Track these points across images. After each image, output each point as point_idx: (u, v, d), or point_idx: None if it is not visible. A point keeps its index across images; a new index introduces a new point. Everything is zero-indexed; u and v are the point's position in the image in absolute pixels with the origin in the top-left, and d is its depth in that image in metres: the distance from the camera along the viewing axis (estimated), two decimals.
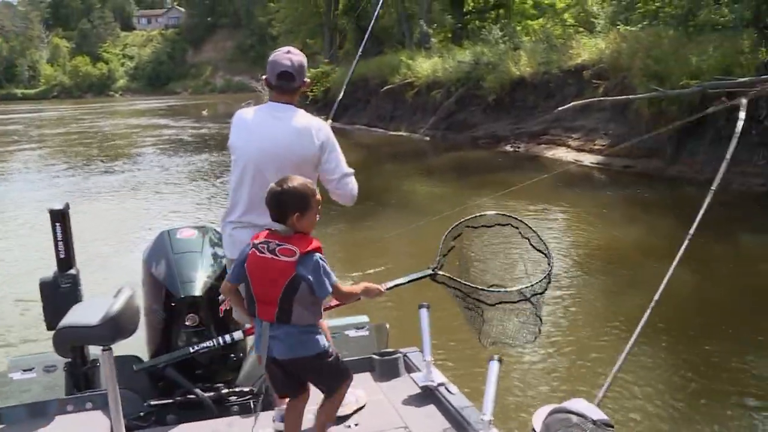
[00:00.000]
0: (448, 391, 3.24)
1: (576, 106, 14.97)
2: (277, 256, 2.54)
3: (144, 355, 3.75)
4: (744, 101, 7.83)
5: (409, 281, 3.32)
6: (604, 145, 15.77)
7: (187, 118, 38.35)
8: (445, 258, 3.31)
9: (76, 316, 2.87)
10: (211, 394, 3.38)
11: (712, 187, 3.86)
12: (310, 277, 2.53)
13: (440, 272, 3.29)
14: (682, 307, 6.84)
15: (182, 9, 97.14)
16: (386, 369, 3.26)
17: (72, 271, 3.70)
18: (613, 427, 1.52)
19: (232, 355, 3.64)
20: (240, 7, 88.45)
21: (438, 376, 3.38)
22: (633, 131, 15.09)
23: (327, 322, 4.22)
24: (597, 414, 1.51)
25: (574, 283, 7.82)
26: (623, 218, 10.99)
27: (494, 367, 3.00)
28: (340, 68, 32.08)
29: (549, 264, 3.27)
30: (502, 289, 3.26)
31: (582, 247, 9.48)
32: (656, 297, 2.79)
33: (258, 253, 2.57)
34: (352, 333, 3.75)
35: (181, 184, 16.09)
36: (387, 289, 3.13)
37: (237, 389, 3.50)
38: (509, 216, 3.33)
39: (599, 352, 5.86)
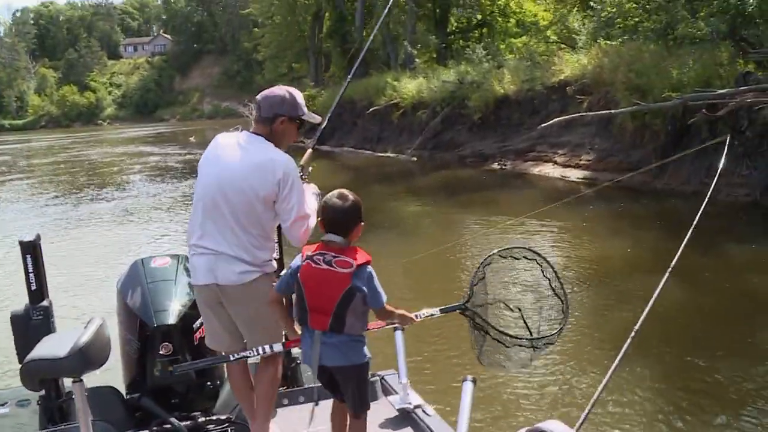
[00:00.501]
0: (425, 413, 3.26)
1: (561, 123, 15.08)
2: (333, 267, 2.68)
3: (121, 386, 3.70)
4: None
5: (440, 313, 3.29)
6: (590, 160, 15.84)
7: (175, 145, 38.34)
8: (474, 288, 3.32)
9: (45, 348, 2.84)
10: (188, 423, 3.35)
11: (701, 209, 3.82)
12: (364, 288, 2.68)
13: (470, 306, 3.30)
14: (668, 319, 6.81)
15: (168, 36, 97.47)
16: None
17: (44, 303, 3.64)
18: None
19: (209, 383, 3.60)
20: (226, 33, 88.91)
21: (415, 398, 3.41)
22: (618, 145, 15.19)
23: None
24: None
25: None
26: (610, 232, 10.99)
27: (468, 387, 3.01)
28: (327, 91, 32.23)
29: (564, 312, 3.31)
30: (523, 337, 3.28)
31: (569, 262, 9.46)
32: (636, 327, 2.75)
33: (313, 265, 2.71)
34: None
35: (165, 210, 16.04)
36: (419, 318, 3.16)
37: (214, 417, 3.48)
38: (536, 252, 3.38)
39: (584, 371, 5.80)
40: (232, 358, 3.11)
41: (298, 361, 4.00)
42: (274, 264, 3.15)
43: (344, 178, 19.24)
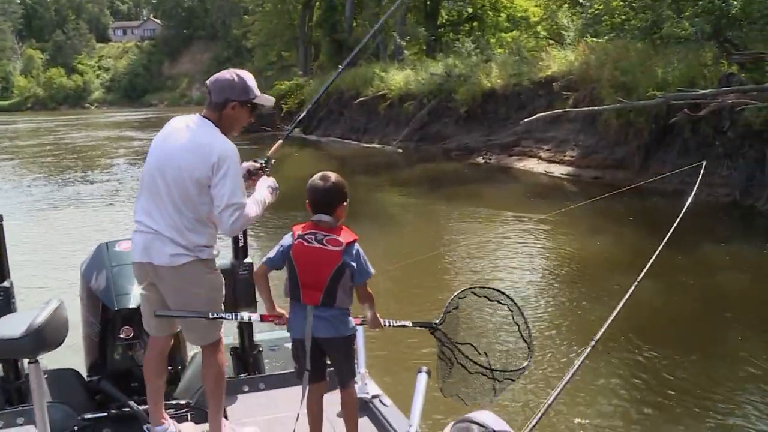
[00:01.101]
0: (382, 403, 3.33)
1: (545, 118, 15.13)
2: (325, 245, 2.88)
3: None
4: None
5: (412, 326, 3.36)
6: (574, 156, 15.89)
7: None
8: (447, 315, 3.40)
9: (1, 328, 2.82)
10: (146, 407, 3.32)
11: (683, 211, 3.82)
12: (354, 264, 2.88)
13: (441, 328, 3.36)
14: (642, 318, 6.86)
15: (158, 21, 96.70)
16: (329, 381, 3.20)
17: (5, 284, 3.61)
18: None
19: (170, 368, 3.60)
20: (216, 19, 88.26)
21: (373, 388, 3.50)
22: (602, 142, 15.25)
23: (266, 334, 4.22)
24: (501, 425, 1.48)
25: (536, 294, 7.82)
26: (589, 229, 11.03)
27: (423, 379, 3.07)
28: (315, 81, 32.11)
29: (528, 358, 3.36)
30: (487, 367, 3.33)
31: (547, 258, 9.52)
32: (596, 337, 2.77)
33: (305, 243, 2.89)
34: (290, 345, 3.75)
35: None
36: (388, 325, 3.23)
37: (173, 402, 3.49)
38: (510, 298, 3.47)
39: (549, 369, 5.83)
40: (211, 316, 3.10)
41: (260, 349, 4.02)
42: (212, 251, 3.12)
43: (329, 168, 18.85)
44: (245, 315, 3.29)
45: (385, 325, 3.21)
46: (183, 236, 2.99)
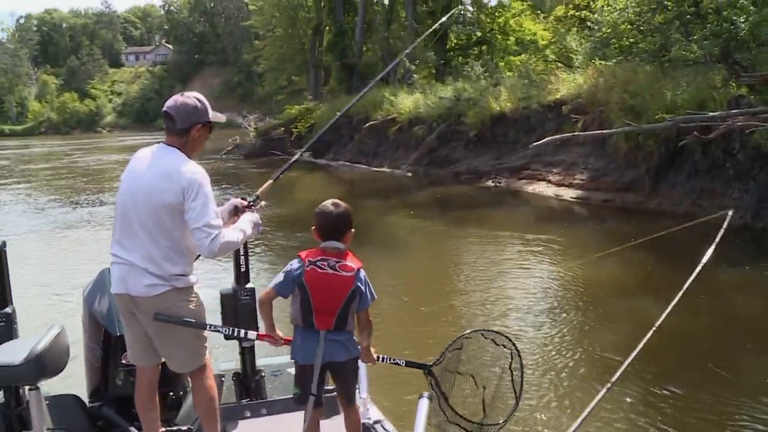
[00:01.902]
0: (384, 428, 3.32)
1: (554, 142, 15.13)
2: (338, 271, 2.95)
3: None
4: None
5: (404, 365, 3.39)
6: (583, 180, 15.87)
7: None
8: (444, 356, 3.45)
9: (1, 355, 2.82)
10: None
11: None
12: (363, 288, 2.98)
13: (434, 369, 3.40)
14: (651, 341, 6.78)
15: (170, 46, 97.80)
16: (327, 406, 3.20)
17: (7, 310, 3.63)
18: None
19: (171, 394, 3.60)
20: (227, 44, 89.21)
21: (375, 413, 3.52)
22: (612, 165, 15.23)
23: (268, 359, 4.21)
24: None
25: (549, 319, 7.76)
26: (600, 252, 10.95)
27: (424, 404, 3.08)
28: (325, 105, 32.29)
29: (509, 415, 3.39)
30: (472, 420, 3.38)
31: (559, 283, 9.45)
32: (613, 379, 2.74)
33: (319, 270, 2.94)
34: (293, 370, 3.75)
35: None
36: (381, 360, 3.28)
37: (174, 428, 3.48)
38: (514, 347, 3.49)
39: (568, 396, 5.77)
40: (209, 328, 3.17)
41: (262, 374, 4.01)
42: (190, 279, 3.14)
43: (339, 192, 19.21)
44: (242, 331, 3.30)
45: (378, 360, 3.24)
46: (158, 266, 3.01)
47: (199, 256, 3.20)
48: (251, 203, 3.43)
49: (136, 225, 3.02)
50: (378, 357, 3.25)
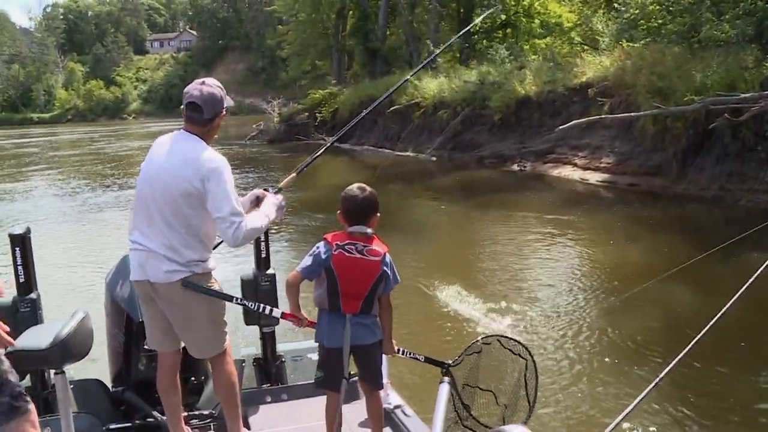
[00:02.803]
0: (404, 413, 3.37)
1: (580, 125, 14.95)
2: (366, 256, 2.95)
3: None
4: None
5: (423, 360, 3.39)
6: (609, 163, 15.68)
7: None
8: (463, 357, 3.47)
9: (28, 339, 2.88)
10: None
11: None
12: (389, 273, 2.99)
13: (452, 369, 3.40)
14: (681, 328, 6.72)
15: (194, 32, 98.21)
16: (347, 392, 3.19)
17: (32, 296, 3.68)
18: None
19: (193, 379, 3.63)
20: (251, 29, 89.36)
21: (395, 399, 3.53)
22: (638, 148, 15.02)
23: (289, 345, 4.23)
24: None
25: (576, 304, 7.70)
26: (628, 237, 10.84)
27: (444, 389, 3.07)
28: (348, 89, 32.23)
29: (526, 420, 3.42)
30: (480, 427, 3.41)
31: (586, 268, 9.37)
32: (661, 375, 2.65)
33: (346, 254, 2.94)
34: (314, 356, 3.76)
35: None
36: (400, 353, 3.28)
37: (196, 413, 3.51)
38: (530, 356, 3.55)
39: (600, 381, 5.73)
40: (235, 300, 3.23)
41: (283, 359, 4.02)
42: (209, 265, 3.15)
43: (363, 177, 19.08)
44: (268, 308, 3.30)
45: (397, 353, 3.25)
46: (176, 252, 3.02)
47: (221, 242, 3.21)
48: (275, 190, 3.42)
49: (155, 212, 3.03)
50: (398, 350, 3.25)
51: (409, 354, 3.32)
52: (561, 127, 14.00)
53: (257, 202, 3.38)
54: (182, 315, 3.10)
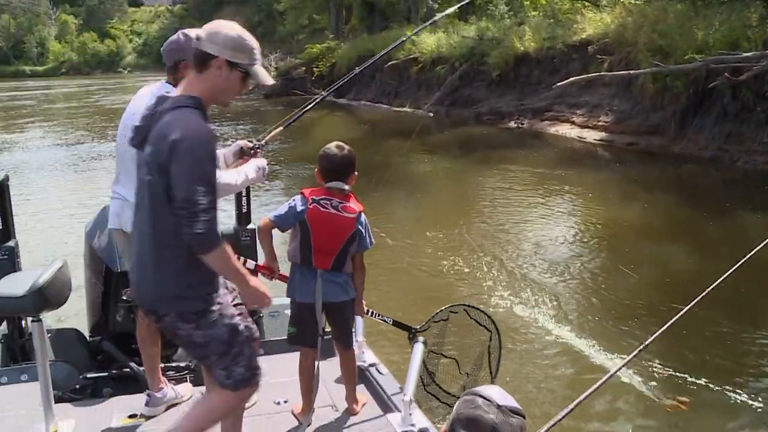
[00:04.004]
0: (379, 371, 3.41)
1: (579, 82, 14.80)
2: (341, 212, 2.96)
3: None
4: None
5: (391, 323, 3.48)
6: (608, 122, 15.56)
7: None
8: (429, 324, 3.56)
9: (4, 286, 2.86)
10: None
11: None
12: (363, 232, 3.00)
13: (418, 334, 3.50)
14: (674, 288, 6.74)
15: None
16: (322, 348, 3.18)
17: (10, 243, 3.69)
18: (523, 416, 1.44)
19: None
20: None
21: (370, 357, 3.61)
22: (637, 107, 14.90)
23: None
24: (506, 401, 1.44)
25: (570, 262, 7.70)
26: (624, 197, 10.81)
27: (418, 348, 3.12)
28: (346, 44, 31.81)
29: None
30: (450, 393, 3.60)
31: (581, 226, 9.36)
32: (646, 342, 2.61)
33: (321, 209, 2.95)
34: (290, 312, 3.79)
35: None
36: (370, 314, 3.38)
37: (173, 364, 3.54)
38: (496, 329, 3.66)
39: (584, 339, 5.75)
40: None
41: (260, 315, 4.04)
42: None
43: (360, 132, 19.08)
44: (242, 258, 3.22)
45: (366, 313, 3.32)
46: None
47: None
48: (257, 146, 3.35)
49: (129, 161, 3.00)
50: (367, 311, 3.30)
51: (378, 316, 3.39)
52: (559, 83, 13.84)
53: (241, 153, 3.33)
54: None
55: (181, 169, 2.22)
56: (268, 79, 2.56)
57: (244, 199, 3.92)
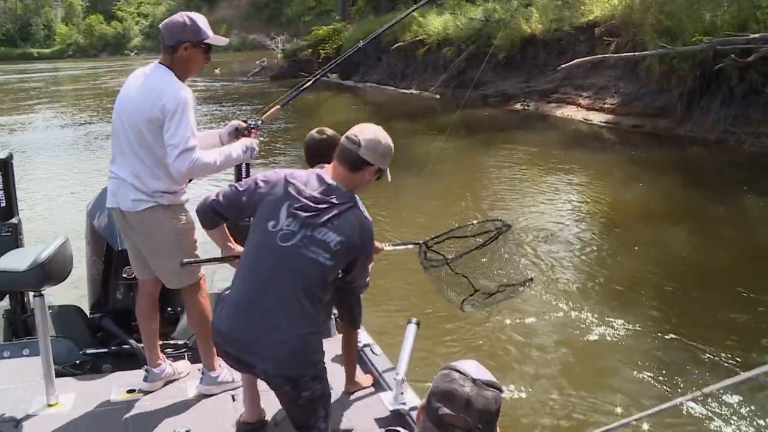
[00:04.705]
0: (373, 352, 3.47)
1: (585, 64, 14.72)
2: None
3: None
4: None
5: (402, 246, 3.48)
6: (614, 104, 15.49)
7: (197, 77, 38.10)
8: (439, 239, 3.49)
9: (7, 261, 2.92)
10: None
11: None
12: None
13: (432, 247, 3.46)
14: (677, 269, 6.76)
15: None
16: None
17: (13, 220, 3.73)
18: (499, 389, 1.47)
19: (169, 309, 3.70)
20: None
21: (365, 337, 3.65)
22: (644, 89, 14.81)
23: None
24: (482, 374, 1.47)
25: (574, 242, 7.73)
26: (630, 179, 10.79)
27: (411, 329, 3.19)
28: (353, 26, 31.66)
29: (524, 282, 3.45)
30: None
31: (585, 207, 9.38)
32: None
33: None
34: None
35: None
36: (388, 248, 3.37)
37: (171, 342, 3.60)
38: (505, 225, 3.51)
39: (582, 316, 5.79)
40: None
41: None
42: (179, 197, 3.13)
43: (367, 114, 19.07)
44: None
45: (382, 248, 3.30)
46: (142, 182, 3.03)
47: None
48: (252, 126, 3.37)
49: (124, 141, 3.06)
50: (383, 246, 3.32)
51: (395, 247, 3.43)
52: (565, 65, 13.75)
53: (236, 133, 3.36)
54: (150, 244, 3.13)
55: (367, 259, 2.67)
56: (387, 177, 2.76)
57: (243, 175, 3.89)
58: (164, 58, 3.11)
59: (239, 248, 2.87)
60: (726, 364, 4.85)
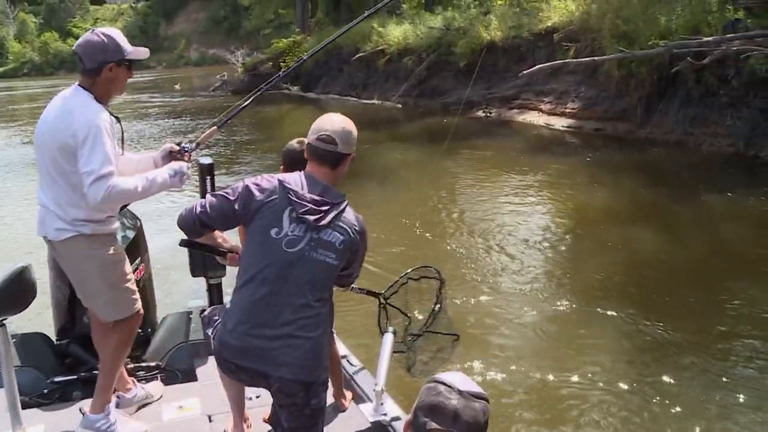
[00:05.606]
0: (350, 363, 3.41)
1: (545, 70, 14.88)
2: None
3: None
4: None
5: (364, 292, 3.52)
6: (575, 109, 15.69)
7: (158, 92, 37.71)
8: (394, 288, 3.67)
9: None
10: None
11: None
12: None
13: (387, 300, 3.61)
14: (640, 270, 6.83)
15: None
16: None
17: None
18: (486, 400, 1.43)
19: (140, 330, 3.59)
20: None
21: (342, 349, 3.61)
22: (603, 93, 15.04)
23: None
24: (468, 386, 1.43)
25: (540, 246, 7.76)
26: (592, 181, 10.91)
27: (388, 339, 3.14)
28: (313, 38, 31.64)
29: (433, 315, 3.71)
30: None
31: (550, 211, 9.44)
32: None
33: None
34: None
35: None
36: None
37: (143, 364, 3.49)
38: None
39: (547, 319, 5.79)
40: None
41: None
42: (99, 227, 2.97)
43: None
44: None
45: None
46: (63, 210, 2.90)
47: (127, 205, 3.11)
48: (185, 150, 3.21)
49: (43, 167, 2.93)
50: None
51: (353, 289, 3.37)
52: (526, 71, 13.89)
53: (170, 157, 3.20)
54: (75, 275, 3.02)
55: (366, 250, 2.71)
56: None
57: (209, 187, 3.79)
58: (84, 80, 2.94)
59: (233, 241, 2.80)
60: (687, 345, 4.94)
